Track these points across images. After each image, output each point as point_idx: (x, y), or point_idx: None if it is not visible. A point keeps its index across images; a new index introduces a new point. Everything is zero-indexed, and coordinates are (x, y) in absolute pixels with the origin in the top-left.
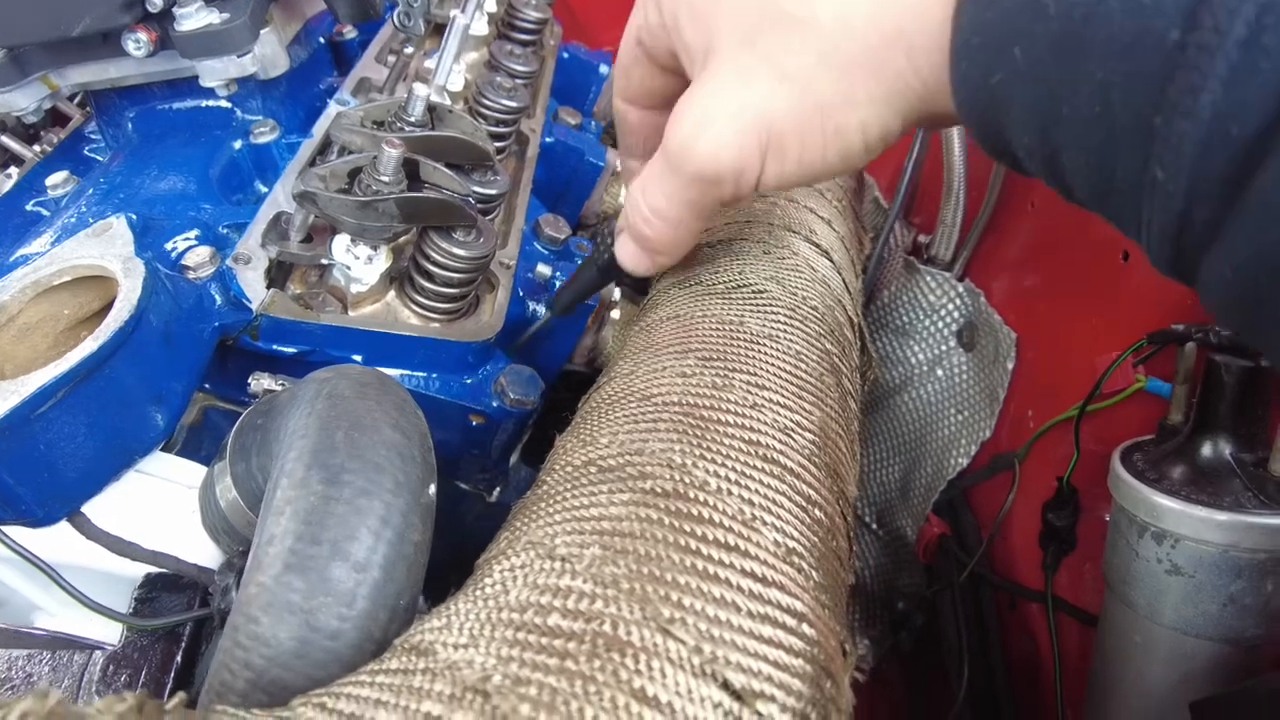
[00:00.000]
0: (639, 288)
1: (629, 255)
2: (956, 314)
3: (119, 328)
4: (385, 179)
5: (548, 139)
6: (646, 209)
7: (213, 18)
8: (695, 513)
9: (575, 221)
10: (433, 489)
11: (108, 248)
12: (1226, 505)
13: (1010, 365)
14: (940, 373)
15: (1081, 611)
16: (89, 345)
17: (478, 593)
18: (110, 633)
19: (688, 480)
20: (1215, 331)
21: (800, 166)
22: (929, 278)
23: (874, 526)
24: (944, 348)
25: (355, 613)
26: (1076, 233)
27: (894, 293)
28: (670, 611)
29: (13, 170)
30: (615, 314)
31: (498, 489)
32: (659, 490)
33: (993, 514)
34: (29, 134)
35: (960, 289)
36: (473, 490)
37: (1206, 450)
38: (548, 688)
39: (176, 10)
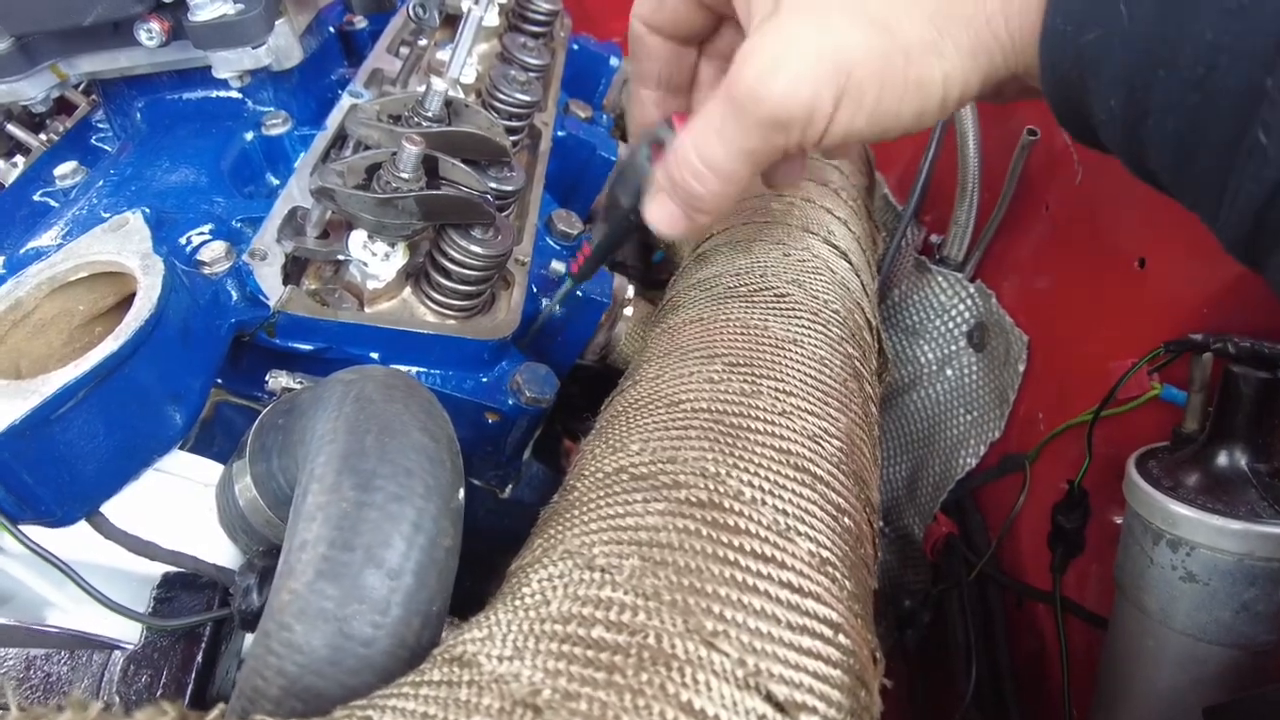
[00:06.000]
0: (648, 280)
1: (667, 217)
2: (967, 314)
3: (139, 326)
4: (405, 176)
5: (559, 133)
6: (699, 163)
7: (227, 8)
8: (731, 523)
9: (585, 216)
10: (462, 493)
11: (125, 243)
12: (1242, 514)
13: (1021, 367)
14: (950, 373)
15: (1089, 613)
16: (109, 345)
17: (517, 602)
18: (129, 632)
19: (722, 490)
20: (1233, 342)
21: (872, 118)
22: (940, 278)
23: (880, 524)
24: (954, 348)
25: (389, 620)
26: (1091, 238)
27: (904, 292)
28: (713, 624)
29: (19, 159)
30: (629, 311)
31: (510, 485)
32: (694, 500)
33: (1000, 514)
34: (34, 122)
35: (971, 289)
36: (485, 487)
37: (1222, 460)
38: (597, 702)
39: (190, 0)
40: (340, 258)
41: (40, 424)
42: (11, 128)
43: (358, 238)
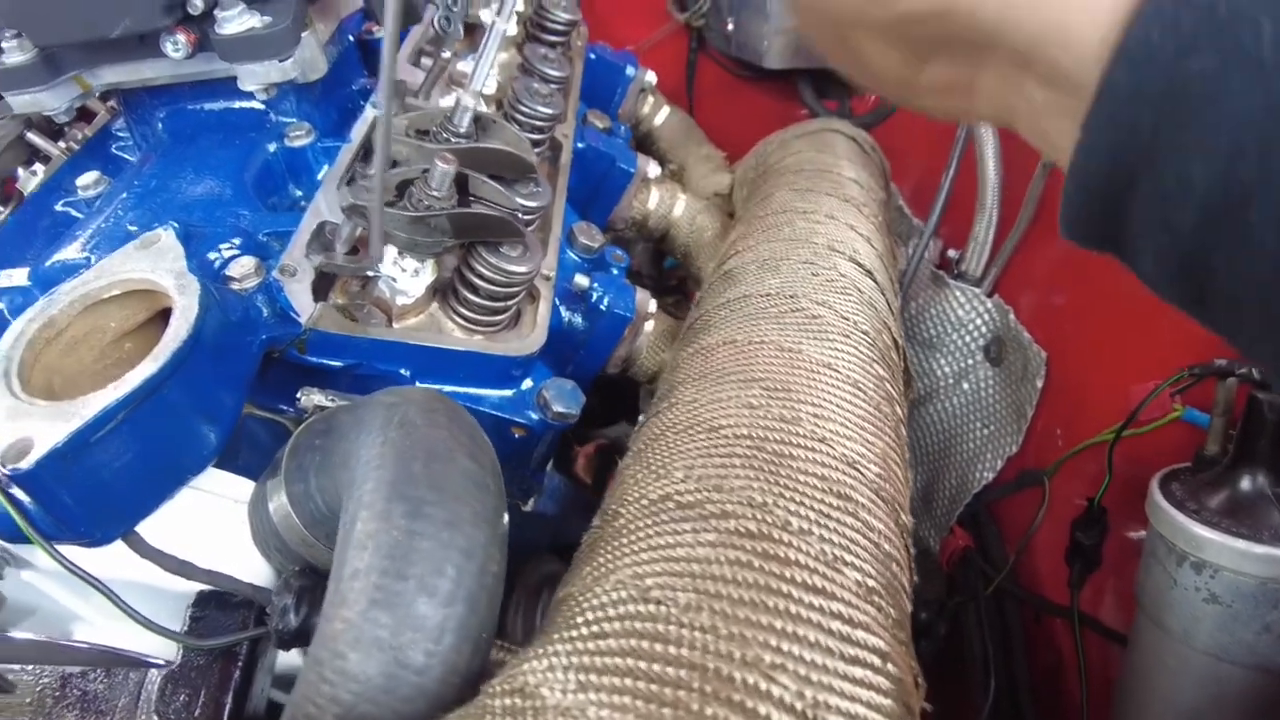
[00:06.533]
0: (660, 287)
1: None
2: (984, 329)
3: (177, 348)
4: (438, 194)
5: (579, 144)
6: None
7: (254, 21)
8: (781, 554)
9: (604, 227)
10: (506, 518)
11: (158, 261)
12: (1265, 539)
13: (1039, 383)
14: (966, 386)
15: (1107, 628)
16: (148, 367)
17: (573, 633)
18: (162, 649)
19: (770, 520)
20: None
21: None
22: (958, 292)
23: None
24: (970, 362)
25: (442, 648)
26: (1111, 259)
27: (921, 305)
28: (770, 657)
29: (38, 167)
30: (649, 325)
31: (532, 498)
32: (743, 530)
33: (1015, 527)
34: (53, 129)
35: (989, 304)
36: (509, 500)
37: (1245, 484)
38: None
39: (218, 13)
40: (370, 273)
41: (80, 446)
42: (31, 136)
43: (388, 254)
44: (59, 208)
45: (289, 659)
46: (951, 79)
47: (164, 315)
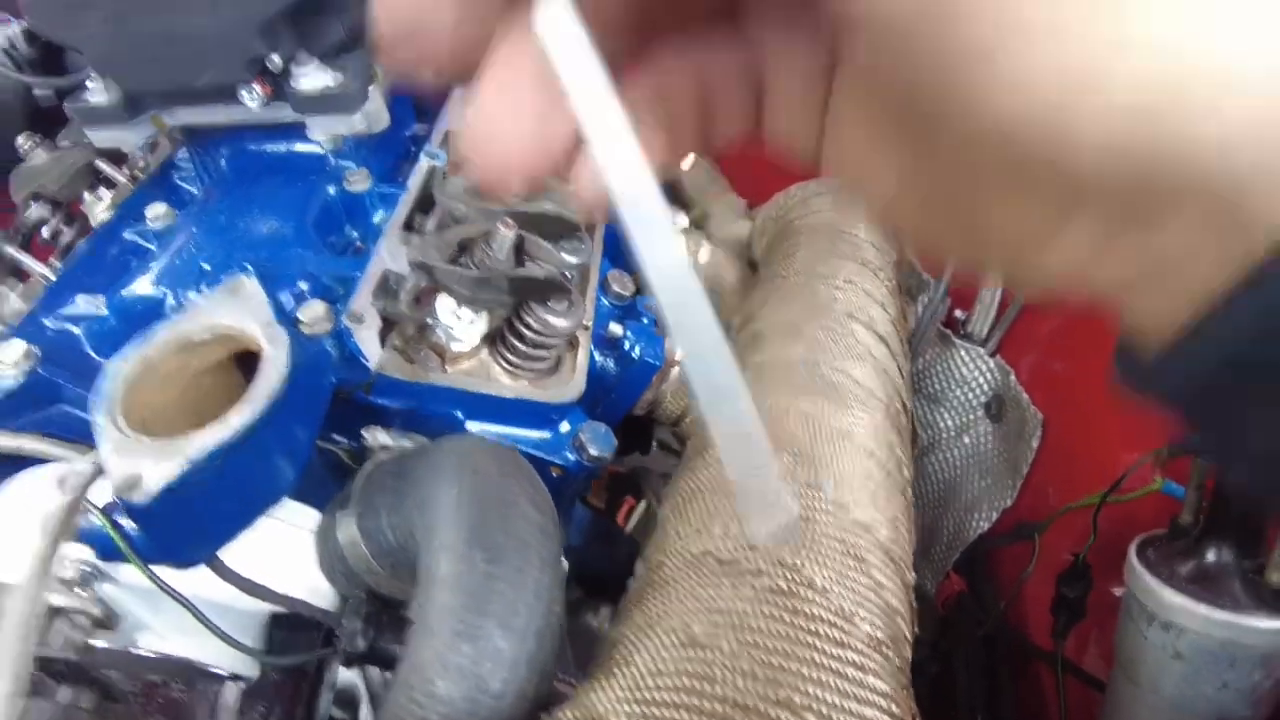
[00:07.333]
0: None
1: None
2: (986, 387)
3: (271, 398)
4: (499, 257)
5: None
6: None
7: (328, 79)
8: (806, 610)
9: (631, 274)
10: (565, 561)
11: (245, 308)
12: (1227, 605)
13: (1035, 443)
14: (967, 440)
15: (1088, 675)
16: (247, 412)
17: (632, 669)
18: (237, 665)
19: (797, 579)
20: None
21: None
22: (963, 351)
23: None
24: (971, 417)
25: (517, 676)
26: (1106, 334)
27: (928, 361)
28: (799, 698)
29: (103, 192)
30: (675, 372)
31: None
32: (774, 588)
33: (1009, 574)
34: (116, 154)
35: (992, 364)
36: None
37: (1211, 555)
38: None
39: (294, 69)
40: (429, 321)
41: (184, 483)
42: (100, 164)
43: (446, 304)
44: (128, 235)
45: (344, 677)
46: (1097, 243)
47: (238, 354)
